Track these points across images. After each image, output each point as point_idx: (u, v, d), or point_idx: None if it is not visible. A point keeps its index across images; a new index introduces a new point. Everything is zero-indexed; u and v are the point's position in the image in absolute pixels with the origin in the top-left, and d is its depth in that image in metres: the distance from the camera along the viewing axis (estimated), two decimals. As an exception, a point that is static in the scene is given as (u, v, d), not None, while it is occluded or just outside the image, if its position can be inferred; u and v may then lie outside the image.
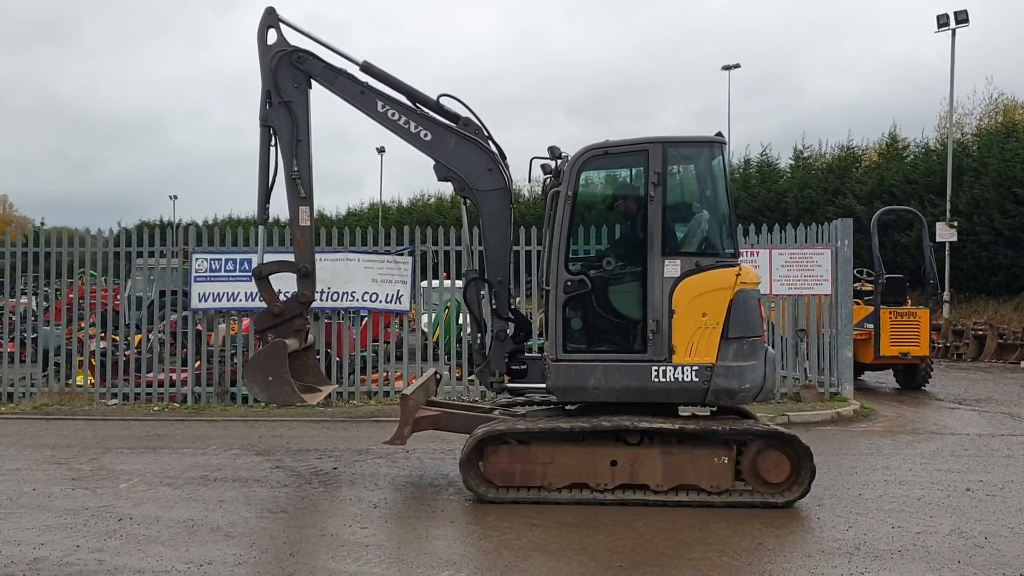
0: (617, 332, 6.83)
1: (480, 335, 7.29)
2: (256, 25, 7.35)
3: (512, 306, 7.35)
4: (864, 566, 5.19)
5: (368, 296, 12.32)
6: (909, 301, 15.36)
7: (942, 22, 28.02)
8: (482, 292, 7.27)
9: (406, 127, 7.21)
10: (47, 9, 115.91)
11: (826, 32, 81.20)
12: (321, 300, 12.25)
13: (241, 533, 5.90)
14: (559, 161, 7.17)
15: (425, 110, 7.28)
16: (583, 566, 5.19)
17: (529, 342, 7.88)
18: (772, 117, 67.71)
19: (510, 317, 7.22)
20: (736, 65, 43.54)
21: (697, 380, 6.50)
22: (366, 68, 7.32)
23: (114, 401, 12.42)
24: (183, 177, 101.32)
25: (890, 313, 14.25)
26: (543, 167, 7.46)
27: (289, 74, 7.29)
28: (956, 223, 25.73)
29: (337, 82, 7.30)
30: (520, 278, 12.12)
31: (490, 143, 7.22)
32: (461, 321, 12.51)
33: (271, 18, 7.34)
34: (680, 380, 6.51)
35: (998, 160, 27.09)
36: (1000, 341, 21.12)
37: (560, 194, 6.78)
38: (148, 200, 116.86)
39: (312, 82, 7.36)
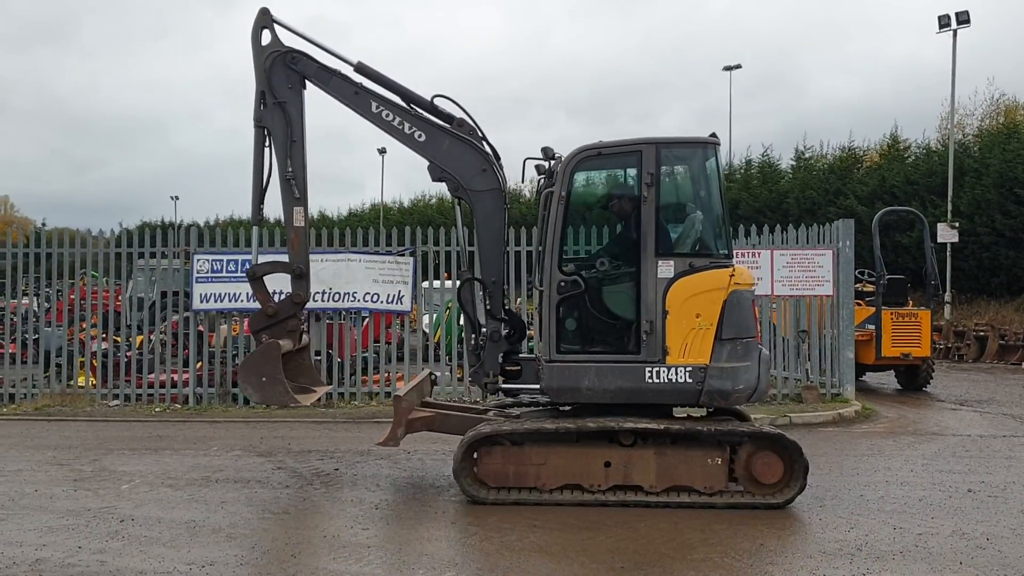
0: (610, 333, 6.82)
1: (474, 336, 7.29)
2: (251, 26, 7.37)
3: (506, 307, 7.34)
4: (866, 567, 5.19)
5: (369, 297, 12.33)
6: (910, 302, 15.36)
7: (943, 23, 28.02)
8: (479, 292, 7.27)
9: (400, 128, 7.21)
10: (47, 10, 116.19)
11: (827, 33, 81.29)
12: (322, 301, 12.28)
13: (243, 534, 5.90)
14: (552, 162, 7.17)
15: (419, 111, 7.28)
16: (585, 567, 5.19)
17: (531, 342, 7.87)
18: (774, 117, 67.76)
19: (504, 318, 7.21)
20: (737, 66, 43.74)
21: (691, 381, 6.48)
22: (360, 69, 7.32)
23: (115, 402, 12.42)
24: (184, 178, 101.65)
25: (891, 314, 14.24)
26: (537, 168, 7.45)
27: (283, 75, 7.28)
28: (957, 224, 25.72)
29: (331, 83, 7.30)
30: (522, 279, 12.12)
31: (484, 144, 7.22)
32: (462, 322, 12.50)
33: (265, 19, 7.34)
34: (674, 381, 6.50)
35: (999, 161, 27.07)
36: (1001, 342, 21.11)
37: (553, 195, 6.77)
38: (149, 201, 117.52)
39: (306, 83, 7.35)
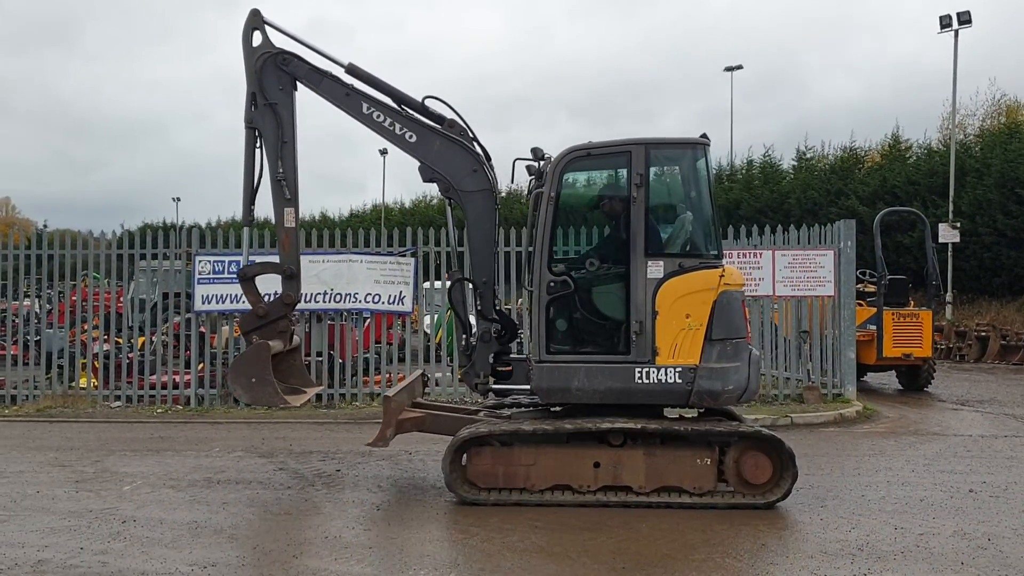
0: (600, 333, 6.81)
1: (465, 336, 7.30)
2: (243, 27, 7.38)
3: (497, 307, 7.34)
4: (867, 567, 5.19)
5: (371, 297, 12.34)
6: (912, 302, 15.35)
7: (945, 23, 28.02)
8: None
9: (391, 129, 7.22)
10: (50, 11, 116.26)
11: (829, 33, 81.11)
12: (324, 301, 12.30)
13: (245, 535, 5.92)
14: (542, 162, 7.17)
15: (410, 112, 7.29)
16: (587, 568, 5.20)
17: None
18: (775, 118, 67.60)
19: (495, 318, 7.22)
20: (739, 66, 43.71)
21: (680, 382, 6.47)
22: (351, 70, 7.33)
23: (117, 403, 12.43)
24: (186, 179, 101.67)
25: (893, 314, 14.22)
26: (527, 168, 7.45)
27: (274, 76, 7.30)
28: (959, 224, 25.71)
29: (322, 84, 7.31)
30: (524, 279, 12.09)
31: (475, 144, 7.23)
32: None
33: (256, 20, 7.36)
34: (663, 381, 6.49)
35: (1001, 161, 27.06)
36: (1003, 342, 21.08)
37: (543, 195, 6.78)
38: (151, 202, 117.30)
39: (297, 84, 7.37)
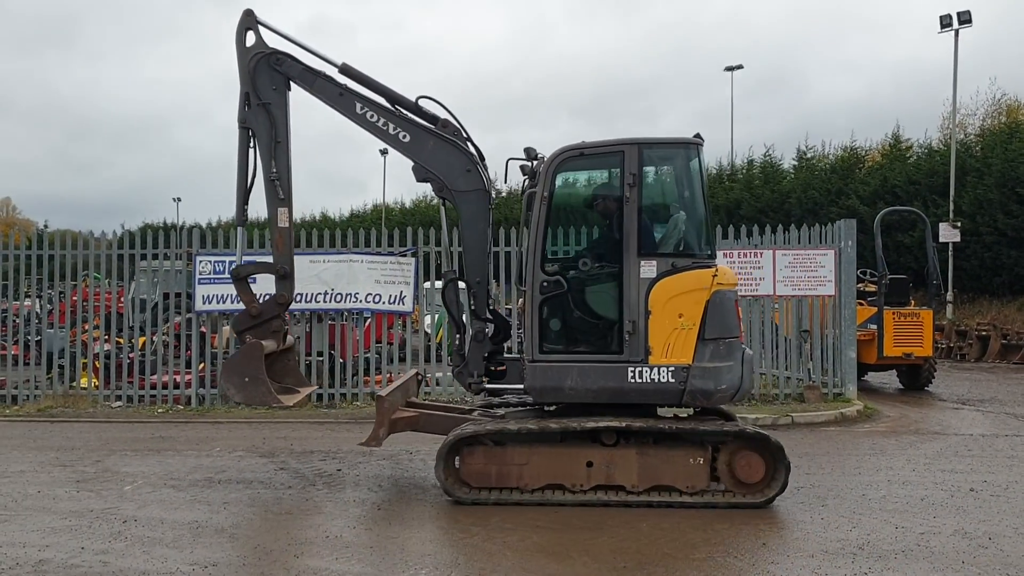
0: (593, 333, 6.81)
1: (458, 336, 7.30)
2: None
3: (491, 307, 7.35)
4: (868, 566, 5.19)
5: (371, 297, 12.34)
6: (912, 302, 15.34)
7: (945, 23, 28.00)
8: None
9: (384, 129, 7.22)
10: (51, 10, 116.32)
11: (829, 32, 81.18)
12: (325, 301, 12.31)
13: (246, 535, 5.92)
14: (535, 162, 7.17)
15: (404, 112, 7.29)
16: (587, 567, 5.20)
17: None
18: (775, 118, 67.66)
19: (489, 318, 7.22)
20: (739, 66, 43.69)
21: (673, 381, 6.48)
22: (344, 70, 7.33)
23: (118, 403, 12.44)
24: (187, 179, 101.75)
25: (893, 314, 14.22)
26: (521, 168, 7.45)
27: (267, 76, 7.32)
28: (959, 223, 25.70)
29: (316, 84, 7.31)
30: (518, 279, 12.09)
31: (468, 144, 7.23)
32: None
33: (249, 20, 7.38)
34: (656, 381, 6.49)
35: (1001, 160, 27.03)
36: (1004, 341, 21.08)
37: (536, 195, 6.78)
38: (152, 202, 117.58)
39: (291, 84, 7.37)
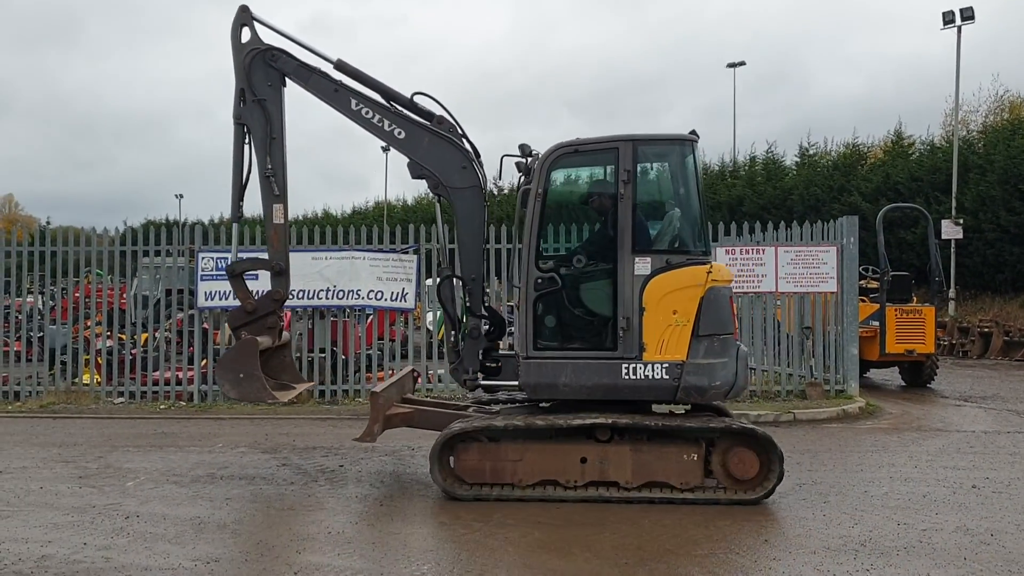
0: (587, 329, 6.81)
1: (453, 333, 7.30)
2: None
3: (486, 303, 7.34)
4: (870, 563, 5.19)
5: (373, 294, 12.35)
6: (915, 298, 15.33)
7: (948, 19, 27.98)
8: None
9: (380, 125, 7.21)
10: (53, 8, 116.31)
11: (832, 29, 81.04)
12: (327, 298, 12.32)
13: (248, 531, 5.92)
14: (530, 159, 7.16)
15: (399, 108, 7.28)
16: (589, 563, 5.20)
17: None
18: (778, 114, 67.64)
19: (484, 315, 7.22)
20: (741, 63, 43.73)
21: (667, 378, 6.47)
22: (340, 66, 7.32)
23: (120, 399, 12.46)
24: (189, 176, 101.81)
25: (896, 310, 14.22)
26: (516, 165, 7.43)
27: (263, 72, 7.30)
28: (962, 220, 25.68)
29: (311, 80, 7.30)
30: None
31: (464, 141, 7.21)
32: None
33: (245, 16, 7.36)
34: (650, 378, 6.49)
35: (1004, 157, 27.01)
36: (1006, 338, 21.06)
37: (531, 191, 6.77)
38: (154, 199, 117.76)
39: (286, 80, 7.37)
